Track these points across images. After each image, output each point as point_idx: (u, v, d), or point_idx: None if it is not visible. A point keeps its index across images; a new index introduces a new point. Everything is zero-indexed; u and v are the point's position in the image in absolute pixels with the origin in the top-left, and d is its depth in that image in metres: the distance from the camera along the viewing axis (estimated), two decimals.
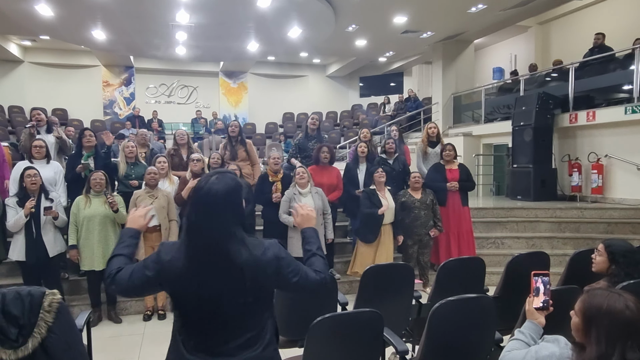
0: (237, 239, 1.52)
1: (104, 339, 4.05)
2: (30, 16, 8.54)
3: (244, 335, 1.53)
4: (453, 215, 5.32)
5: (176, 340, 1.57)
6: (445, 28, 9.93)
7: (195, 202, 1.56)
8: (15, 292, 2.21)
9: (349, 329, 2.13)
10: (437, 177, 5.39)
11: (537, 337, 1.73)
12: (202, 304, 1.51)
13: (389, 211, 4.75)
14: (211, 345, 1.52)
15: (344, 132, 13.07)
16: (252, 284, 1.51)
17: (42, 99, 12.75)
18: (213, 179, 1.55)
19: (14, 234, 4.17)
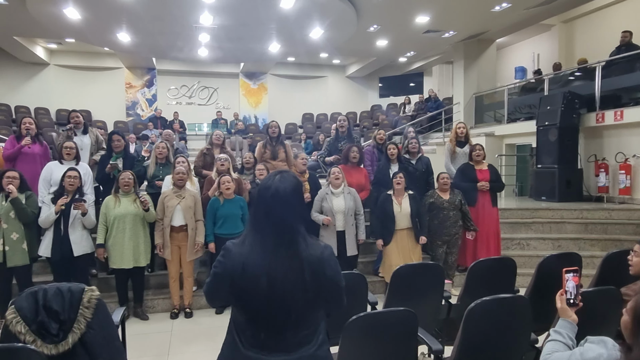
0: (302, 236, 1.57)
1: (131, 336, 4.09)
2: (58, 20, 8.75)
3: (301, 332, 1.55)
4: (483, 216, 5.27)
5: (233, 335, 1.59)
6: (468, 27, 9.85)
7: (263, 200, 1.59)
8: (56, 288, 2.29)
9: (384, 327, 2.13)
10: (467, 177, 5.35)
11: (574, 336, 1.71)
12: (264, 300, 1.51)
13: (402, 217, 4.73)
14: (269, 342, 1.53)
15: (364, 133, 13.05)
16: (313, 280, 1.53)
17: (67, 100, 13.05)
18: (278, 178, 1.60)
19: (45, 231, 4.28)
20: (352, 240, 4.69)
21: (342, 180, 4.73)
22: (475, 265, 3.17)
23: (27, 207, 4.15)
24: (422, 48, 12.05)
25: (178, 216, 4.52)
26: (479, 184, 5.29)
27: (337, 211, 4.62)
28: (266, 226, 1.56)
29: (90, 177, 4.91)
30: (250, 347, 1.54)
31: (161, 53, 12.29)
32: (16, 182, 4.16)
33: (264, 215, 1.57)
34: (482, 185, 5.29)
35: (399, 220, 4.72)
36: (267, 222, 1.56)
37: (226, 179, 4.58)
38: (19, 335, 2.10)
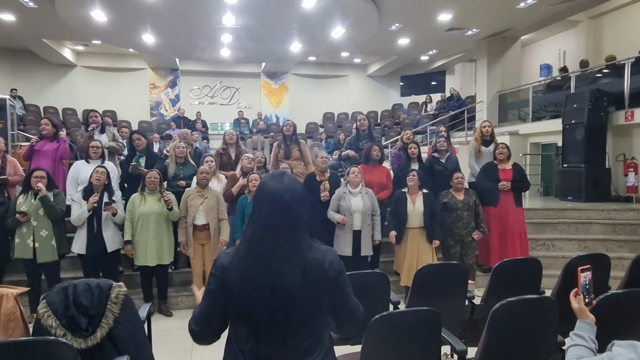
0: (304, 240, 1.48)
1: (156, 332, 4.17)
2: (85, 22, 8.96)
3: (305, 341, 1.48)
4: (505, 216, 5.19)
5: (233, 347, 1.51)
6: (492, 24, 9.71)
7: (261, 203, 1.50)
8: (85, 284, 2.35)
9: (407, 327, 2.12)
10: (489, 176, 5.28)
11: (594, 337, 1.67)
12: (265, 310, 1.42)
13: (415, 215, 4.69)
14: (272, 353, 1.46)
15: (385, 132, 12.99)
16: (316, 287, 1.45)
17: (93, 101, 13.34)
18: (278, 180, 1.51)
19: (76, 228, 4.38)
20: (368, 240, 4.67)
21: (361, 180, 4.72)
22: (500, 265, 3.12)
23: (56, 205, 4.26)
24: (444, 46, 11.94)
25: (200, 216, 4.58)
26: (500, 184, 5.22)
27: (355, 210, 4.61)
28: (264, 231, 1.45)
29: (116, 174, 5.03)
30: (252, 359, 1.46)
31: (184, 54, 12.47)
32: (44, 180, 4.28)
33: (261, 219, 1.47)
34: (502, 185, 5.21)
35: (411, 219, 4.68)
36: (265, 226, 1.46)
37: (254, 177, 4.62)
38: (50, 329, 2.17)
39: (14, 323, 2.46)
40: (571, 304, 1.76)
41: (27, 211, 4.17)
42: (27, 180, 4.29)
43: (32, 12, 8.69)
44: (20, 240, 4.20)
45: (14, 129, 8.28)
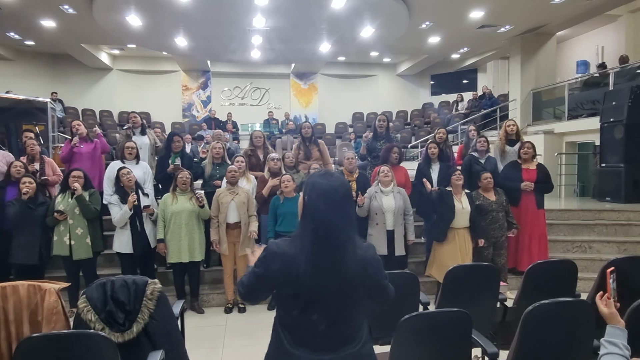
0: (349, 237, 1.56)
1: (188, 328, 4.27)
2: (121, 27, 9.25)
3: (346, 331, 1.56)
4: (525, 217, 5.08)
5: (278, 334, 1.60)
6: (526, 21, 9.48)
7: (310, 200, 1.57)
8: (122, 280, 2.43)
9: (437, 328, 2.11)
10: (512, 175, 5.17)
11: (627, 343, 1.61)
12: (309, 301, 1.52)
13: (463, 215, 4.62)
14: (314, 340, 1.54)
15: (415, 132, 12.86)
16: (356, 281, 1.54)
17: (128, 103, 13.76)
18: (326, 177, 1.59)
19: (117, 228, 4.53)
20: (401, 240, 4.64)
21: (391, 179, 4.70)
22: (533, 267, 3.06)
23: (91, 204, 4.43)
24: (476, 44, 11.73)
25: (232, 213, 4.65)
26: (523, 184, 5.09)
27: (387, 210, 4.59)
28: (313, 226, 1.54)
29: (150, 175, 5.16)
30: (296, 345, 1.55)
31: (215, 56, 12.69)
32: (81, 180, 4.45)
33: (310, 215, 1.56)
34: (525, 185, 5.09)
35: (459, 218, 4.59)
36: (314, 222, 1.54)
37: (286, 178, 4.67)
38: (90, 323, 2.26)
39: (56, 317, 2.56)
40: (599, 308, 1.71)
41: (64, 210, 4.34)
42: (66, 180, 4.47)
43: (71, 19, 9.03)
44: (58, 237, 4.38)
45: (54, 130, 8.62)
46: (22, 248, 4.27)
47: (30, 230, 4.29)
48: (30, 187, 4.32)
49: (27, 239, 4.28)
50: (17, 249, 4.28)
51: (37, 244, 4.31)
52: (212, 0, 7.84)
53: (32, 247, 4.29)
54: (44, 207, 4.39)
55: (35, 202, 4.35)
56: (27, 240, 4.28)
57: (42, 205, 4.40)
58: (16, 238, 4.29)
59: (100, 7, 8.23)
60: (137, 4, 8.03)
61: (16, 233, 4.30)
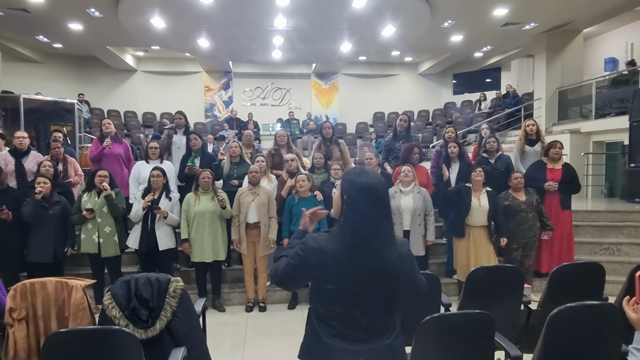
0: (387, 232, 1.61)
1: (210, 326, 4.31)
2: (145, 29, 9.42)
3: (380, 323, 1.60)
4: (550, 218, 4.95)
5: (313, 325, 1.65)
6: (551, 18, 9.27)
7: (362, 194, 1.60)
8: (146, 278, 2.47)
9: (459, 329, 2.08)
10: (536, 175, 5.06)
11: None
12: (345, 294, 1.57)
13: (480, 213, 4.55)
14: (349, 332, 1.59)
15: (437, 131, 12.73)
16: (396, 273, 1.59)
17: (152, 104, 14.02)
18: (368, 175, 1.63)
19: (134, 224, 4.63)
20: (419, 240, 4.61)
21: (412, 178, 4.66)
22: (559, 270, 2.99)
23: (119, 203, 4.52)
24: (500, 42, 11.54)
25: (252, 213, 4.69)
26: (546, 184, 4.99)
27: (404, 210, 4.57)
28: (354, 224, 1.58)
29: (174, 174, 5.23)
30: (331, 336, 1.59)
31: (237, 56, 12.80)
32: (107, 180, 4.54)
33: (351, 213, 1.59)
34: (548, 185, 4.98)
35: (476, 216, 4.53)
36: (354, 220, 1.58)
37: (301, 178, 4.68)
38: (114, 319, 2.31)
39: (82, 313, 2.63)
40: (627, 314, 1.66)
41: (92, 208, 4.44)
42: (91, 179, 4.56)
43: (97, 21, 9.24)
44: (86, 235, 4.47)
45: (81, 131, 8.83)
46: (37, 247, 4.34)
47: (45, 229, 4.35)
48: (45, 187, 4.36)
49: (42, 237, 4.35)
50: (32, 248, 4.36)
51: (51, 242, 4.37)
52: (234, 2, 7.91)
53: (47, 246, 4.35)
54: (58, 206, 4.45)
55: (49, 201, 4.40)
56: (42, 238, 4.35)
57: (56, 204, 4.45)
58: (32, 237, 4.37)
59: (125, 10, 8.39)
60: (161, 6, 8.16)
61: (32, 232, 4.37)
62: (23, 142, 5.12)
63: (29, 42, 11.60)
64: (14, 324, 2.57)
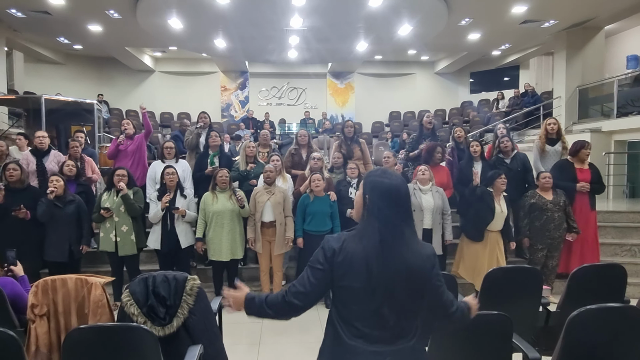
0: (410, 234, 1.60)
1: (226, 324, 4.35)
2: (163, 30, 9.54)
3: (402, 325, 1.58)
4: (579, 219, 4.87)
5: (335, 326, 1.63)
6: (572, 15, 9.11)
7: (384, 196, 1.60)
8: (163, 276, 2.49)
9: (475, 330, 2.06)
10: (565, 176, 4.97)
11: None
12: (369, 296, 1.55)
13: (499, 218, 4.51)
14: (371, 333, 1.57)
15: None
16: (418, 276, 1.57)
17: (169, 104, 14.19)
18: (391, 176, 1.64)
19: (153, 225, 4.68)
20: (438, 239, 4.59)
21: (429, 177, 4.64)
22: (578, 271, 2.94)
23: (135, 203, 4.57)
24: (518, 40, 11.38)
25: (268, 212, 4.71)
26: (579, 185, 4.90)
27: (425, 208, 4.54)
28: (378, 225, 1.57)
29: (189, 173, 5.28)
30: (354, 337, 1.57)
31: (253, 56, 12.88)
32: (125, 179, 4.60)
33: (375, 214, 1.59)
34: (582, 186, 4.90)
35: (496, 221, 4.50)
36: (378, 221, 1.57)
37: (317, 177, 4.69)
38: (132, 317, 2.33)
39: (102, 310, 2.67)
40: None
41: (110, 207, 4.51)
42: (111, 179, 4.63)
43: (116, 23, 9.38)
44: (104, 234, 4.55)
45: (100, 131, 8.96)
46: (52, 246, 4.40)
47: (59, 228, 4.41)
48: (57, 186, 4.41)
49: (57, 236, 4.41)
50: (48, 247, 4.42)
51: (66, 241, 4.43)
52: (250, 2, 7.95)
53: (62, 245, 4.41)
54: (72, 205, 4.49)
55: (63, 201, 4.45)
56: (57, 238, 4.41)
57: (70, 203, 4.49)
58: (47, 236, 4.43)
59: (144, 11, 8.50)
60: (179, 7, 8.25)
61: (48, 231, 4.43)
62: (43, 142, 5.23)
63: (50, 43, 11.85)
64: (35, 319, 2.62)
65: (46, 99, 7.76)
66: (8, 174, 4.42)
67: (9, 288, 2.74)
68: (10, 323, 2.66)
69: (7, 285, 2.75)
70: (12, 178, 4.42)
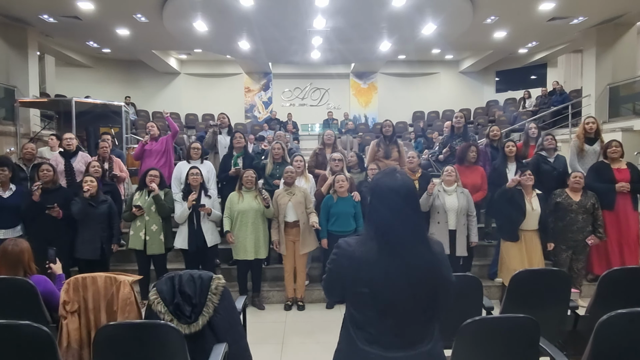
0: (421, 234, 1.56)
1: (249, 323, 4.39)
2: (188, 33, 9.70)
3: (418, 329, 1.55)
4: (622, 221, 4.75)
5: (349, 331, 1.60)
6: (602, 11, 8.86)
7: (383, 197, 1.57)
8: (189, 275, 2.54)
9: (501, 334, 2.03)
10: (602, 177, 4.84)
11: None
12: (382, 300, 1.52)
13: (532, 216, 4.42)
14: (386, 338, 1.53)
15: (479, 130, 12.42)
16: (434, 277, 1.54)
17: (194, 105, 14.40)
18: (394, 176, 1.59)
19: (179, 225, 4.76)
20: (463, 240, 4.53)
21: (455, 178, 4.58)
22: (609, 274, 2.86)
23: (166, 203, 4.67)
24: (545, 37, 11.14)
25: (290, 212, 4.74)
26: (618, 185, 4.76)
27: (449, 209, 4.49)
28: (375, 229, 1.55)
29: (214, 174, 5.36)
30: (368, 343, 1.54)
31: (277, 58, 12.97)
32: (157, 180, 4.70)
33: (371, 218, 1.57)
34: (622, 186, 4.75)
35: (528, 220, 4.42)
36: (375, 225, 1.56)
37: (340, 178, 4.69)
38: (159, 314, 2.38)
39: (130, 307, 2.73)
40: None
41: (142, 206, 4.61)
42: (143, 179, 4.74)
43: (143, 27, 9.58)
44: (134, 232, 4.65)
45: (127, 132, 9.17)
46: (85, 244, 4.51)
47: (92, 226, 4.52)
48: (92, 186, 4.53)
49: (89, 235, 4.51)
50: (81, 245, 4.53)
51: (98, 239, 4.54)
52: (274, 4, 8.00)
53: (94, 243, 4.52)
54: (105, 205, 4.61)
55: (96, 200, 4.57)
56: (90, 236, 4.52)
57: (103, 203, 4.61)
58: (80, 234, 4.54)
59: (170, 15, 8.65)
60: (204, 10, 8.37)
61: (80, 229, 4.55)
62: (71, 143, 5.42)
63: (80, 47, 12.19)
64: (67, 316, 2.71)
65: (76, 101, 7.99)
66: (42, 174, 4.56)
67: (42, 285, 2.84)
68: (43, 319, 2.76)
69: (40, 283, 2.84)
70: (46, 178, 4.56)
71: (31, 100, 8.91)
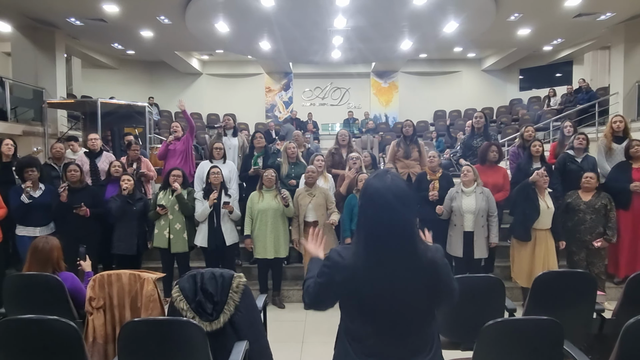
0: (416, 240, 1.48)
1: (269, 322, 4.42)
2: (210, 34, 9.81)
3: (416, 339, 1.49)
4: (636, 221, 4.61)
5: (343, 342, 1.54)
6: (630, 6, 8.60)
7: (370, 201, 1.49)
8: (211, 273, 2.57)
9: (524, 336, 2.00)
10: (621, 176, 4.73)
11: None
12: (379, 311, 1.46)
13: (546, 215, 4.35)
14: (383, 349, 1.47)
15: (501, 129, 12.24)
16: (431, 284, 1.47)
17: (216, 105, 14.56)
18: (386, 178, 1.50)
19: (199, 223, 4.82)
20: (482, 242, 4.46)
21: (473, 178, 4.52)
22: (637, 276, 2.79)
23: (189, 203, 4.76)
24: (571, 34, 10.89)
25: (310, 213, 4.76)
26: (633, 185, 4.64)
27: (465, 211, 4.43)
28: (364, 233, 1.47)
29: (236, 174, 5.42)
30: (363, 355, 1.47)
31: (297, 57, 13.01)
32: (180, 179, 4.80)
33: (369, 220, 1.47)
34: (635, 186, 4.64)
35: (542, 219, 4.35)
36: (364, 229, 1.48)
37: (364, 177, 4.68)
38: (182, 312, 2.43)
39: (153, 304, 2.79)
40: None
41: (166, 205, 4.71)
42: (167, 178, 4.85)
43: (166, 28, 9.73)
44: (159, 231, 4.75)
45: (151, 132, 9.32)
46: (122, 240, 4.67)
47: (129, 223, 4.69)
48: (129, 184, 4.73)
49: (126, 231, 4.68)
50: (118, 241, 4.68)
51: (134, 236, 4.70)
52: (295, 4, 8.03)
53: (131, 239, 4.68)
54: (141, 203, 4.79)
55: (133, 198, 4.75)
56: (127, 232, 4.68)
57: (139, 201, 4.80)
58: (117, 231, 4.70)
59: (192, 16, 8.77)
60: (225, 11, 8.46)
61: (117, 226, 4.71)
62: (95, 144, 5.57)
63: (105, 49, 12.47)
64: (93, 312, 2.78)
65: (101, 102, 8.15)
66: (70, 174, 4.69)
67: (69, 282, 2.92)
68: (70, 315, 2.83)
69: (67, 279, 2.92)
70: (73, 178, 4.69)
71: (59, 101, 9.14)
